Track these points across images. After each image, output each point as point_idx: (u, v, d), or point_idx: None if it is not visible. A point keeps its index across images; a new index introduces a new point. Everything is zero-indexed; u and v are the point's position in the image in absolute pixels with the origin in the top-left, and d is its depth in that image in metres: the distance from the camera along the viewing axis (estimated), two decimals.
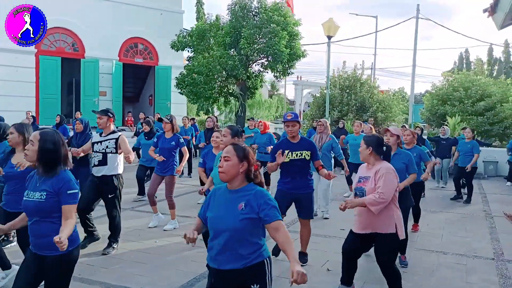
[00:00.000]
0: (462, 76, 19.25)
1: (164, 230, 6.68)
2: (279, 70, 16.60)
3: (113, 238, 5.60)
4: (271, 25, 15.15)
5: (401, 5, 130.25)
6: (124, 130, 17.47)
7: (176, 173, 6.66)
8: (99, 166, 5.42)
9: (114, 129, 5.59)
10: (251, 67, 17.08)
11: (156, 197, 6.89)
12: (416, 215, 6.81)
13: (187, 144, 11.20)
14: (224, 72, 15.84)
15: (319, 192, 7.73)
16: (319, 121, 7.88)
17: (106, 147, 5.38)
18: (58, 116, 11.66)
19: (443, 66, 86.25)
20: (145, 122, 9.15)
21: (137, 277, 4.82)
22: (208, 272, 2.77)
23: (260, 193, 2.61)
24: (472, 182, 9.72)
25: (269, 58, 16.04)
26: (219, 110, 24.54)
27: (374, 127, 15.15)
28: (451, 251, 6.00)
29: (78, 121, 6.98)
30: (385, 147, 4.04)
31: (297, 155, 5.02)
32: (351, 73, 20.69)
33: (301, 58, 16.31)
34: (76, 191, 2.91)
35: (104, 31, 19.00)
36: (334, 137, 7.81)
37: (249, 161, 2.66)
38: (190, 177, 12.06)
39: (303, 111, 33.59)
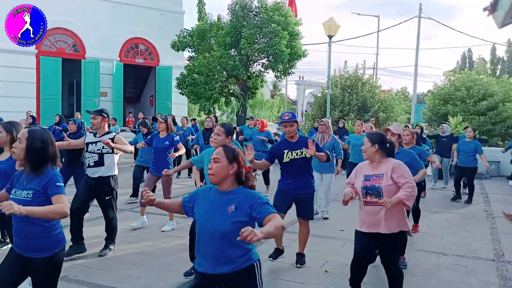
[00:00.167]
0: (464, 76, 19.12)
1: (162, 231, 6.64)
2: (279, 70, 16.58)
3: (110, 240, 5.57)
4: (272, 24, 15.11)
5: (403, 4, 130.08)
6: (125, 130, 17.45)
7: (163, 173, 6.25)
8: (95, 167, 5.33)
9: (109, 129, 5.53)
10: (251, 67, 17.04)
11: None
12: (416, 215, 6.76)
13: (185, 145, 11.16)
14: (224, 72, 15.81)
15: (320, 192, 7.68)
16: (321, 121, 7.84)
17: (102, 148, 5.29)
18: (57, 116, 11.64)
19: (446, 65, 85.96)
20: (141, 124, 9.02)
21: (134, 278, 4.79)
22: (194, 277, 2.68)
23: (251, 195, 2.57)
24: (473, 182, 9.66)
25: (269, 58, 16.00)
26: (220, 110, 24.51)
27: (375, 127, 15.14)
28: (451, 252, 5.95)
29: (71, 122, 6.90)
30: (388, 144, 3.98)
31: (297, 154, 4.97)
32: (352, 73, 20.66)
33: (302, 58, 16.28)
34: (63, 185, 2.84)
35: (105, 32, 19.00)
36: (336, 137, 7.77)
37: (239, 162, 2.60)
38: (190, 177, 12.01)
39: (305, 111, 33.44)
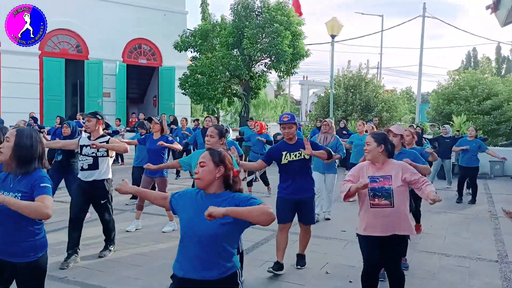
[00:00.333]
0: (468, 75, 19.00)
1: (163, 231, 6.62)
2: (282, 70, 16.54)
3: (109, 241, 5.54)
4: (274, 24, 15.06)
5: (406, 3, 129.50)
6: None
7: (145, 166, 5.94)
8: (89, 170, 5.20)
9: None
10: (254, 67, 17.00)
11: None
12: (416, 216, 6.66)
13: (185, 146, 11.11)
14: (227, 73, 15.78)
15: (323, 193, 7.64)
16: (324, 121, 7.78)
17: (97, 150, 5.19)
18: (58, 118, 11.62)
19: (451, 65, 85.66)
20: (139, 126, 8.92)
21: (133, 280, 4.77)
22: (172, 282, 2.59)
23: (238, 195, 2.53)
24: (476, 182, 9.58)
25: (272, 58, 15.95)
26: (223, 110, 24.50)
27: (378, 127, 15.06)
28: (453, 253, 5.89)
29: (65, 125, 6.81)
30: (390, 145, 3.92)
31: (296, 156, 4.91)
32: (356, 73, 20.58)
33: (305, 57, 16.23)
34: (49, 186, 2.77)
35: (108, 32, 19.02)
36: (338, 137, 7.72)
37: (226, 165, 2.55)
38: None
39: (309, 111, 33.35)
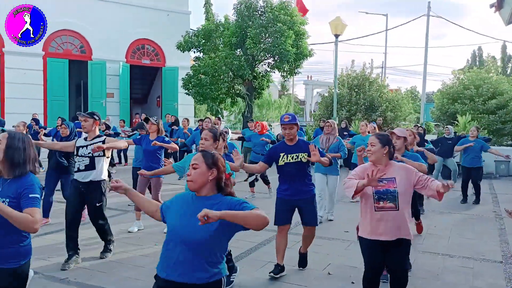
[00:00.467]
0: (473, 74, 18.92)
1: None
2: (285, 69, 16.49)
3: (107, 242, 5.48)
4: (277, 24, 15.01)
5: (411, 3, 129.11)
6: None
7: (138, 172, 5.90)
8: (86, 171, 5.15)
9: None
10: (257, 67, 16.96)
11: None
12: (416, 214, 6.52)
13: (182, 146, 11.11)
14: (230, 73, 15.75)
15: (325, 194, 7.60)
16: (327, 121, 7.75)
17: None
18: (59, 119, 11.62)
19: (456, 64, 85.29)
20: (138, 127, 8.88)
21: (133, 281, 4.75)
22: (155, 283, 2.56)
23: (228, 200, 2.49)
24: (479, 182, 9.52)
25: (275, 58, 15.91)
26: (227, 110, 24.48)
27: (382, 127, 14.99)
28: (457, 254, 5.83)
29: (64, 125, 6.79)
30: (392, 147, 3.85)
31: (292, 158, 4.81)
32: (359, 72, 20.51)
33: (308, 57, 16.18)
34: (38, 196, 2.71)
35: (111, 33, 19.04)
36: (341, 139, 7.68)
37: (219, 168, 2.53)
38: None
39: (314, 111, 33.28)
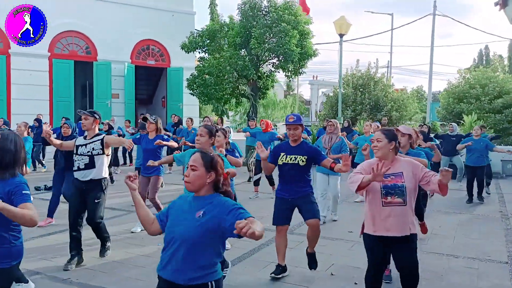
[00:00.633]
0: (479, 73, 18.79)
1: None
2: (290, 69, 16.44)
3: (104, 239, 5.44)
4: (282, 24, 14.97)
5: (417, 2, 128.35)
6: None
7: (147, 164, 5.90)
8: (85, 169, 5.13)
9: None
10: (262, 67, 16.93)
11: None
12: (420, 214, 6.45)
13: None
14: (235, 73, 15.72)
15: (328, 194, 7.56)
16: (330, 121, 7.70)
17: (92, 149, 5.14)
18: (63, 119, 11.71)
19: (462, 63, 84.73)
20: (141, 128, 8.89)
21: (133, 281, 4.75)
22: (158, 282, 2.59)
23: (223, 201, 2.48)
24: (483, 181, 9.46)
25: (280, 58, 15.87)
26: (232, 110, 24.44)
27: (387, 126, 14.90)
28: (462, 254, 5.77)
29: (66, 125, 6.79)
30: (398, 142, 3.79)
31: (290, 159, 4.75)
32: (364, 72, 20.44)
33: (313, 57, 16.11)
34: (29, 193, 2.72)
35: (116, 34, 19.10)
36: (344, 138, 7.63)
37: (217, 171, 2.53)
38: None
39: (319, 111, 33.18)
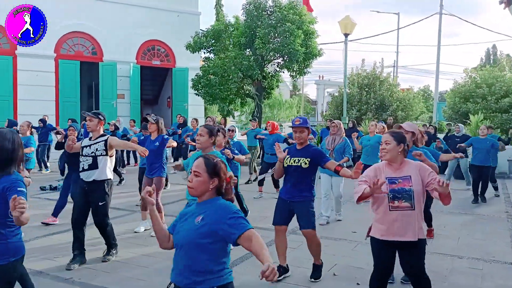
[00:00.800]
0: (486, 73, 18.65)
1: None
2: (295, 69, 16.41)
3: (111, 246, 5.43)
4: (286, 24, 14.95)
5: (424, 0, 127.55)
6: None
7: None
8: (89, 170, 5.17)
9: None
10: (266, 67, 16.91)
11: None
12: (429, 219, 6.40)
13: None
14: (239, 73, 15.72)
15: (331, 195, 7.55)
16: (333, 122, 7.68)
17: (96, 150, 5.17)
18: (69, 120, 11.79)
19: (470, 62, 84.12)
20: (143, 128, 8.90)
21: (135, 281, 4.76)
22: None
23: (224, 206, 2.47)
24: (488, 181, 9.41)
25: (284, 58, 15.85)
26: (237, 110, 24.45)
27: (391, 127, 14.83)
28: (466, 255, 5.72)
29: (72, 127, 6.80)
30: (407, 144, 3.73)
31: (294, 161, 4.74)
32: (370, 71, 20.38)
33: (317, 57, 16.08)
34: (25, 191, 2.72)
35: (122, 35, 19.15)
36: (347, 139, 7.60)
37: (220, 177, 2.53)
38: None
39: (325, 111, 33.11)
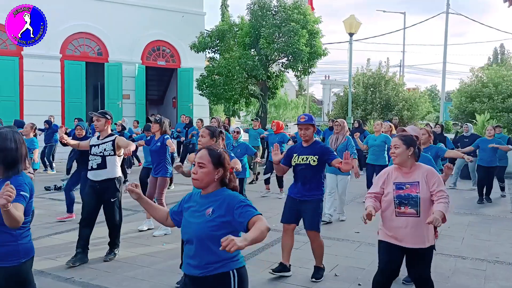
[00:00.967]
0: (492, 72, 18.50)
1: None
2: (299, 69, 16.37)
3: (114, 245, 5.47)
4: (291, 23, 14.92)
5: (430, 0, 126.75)
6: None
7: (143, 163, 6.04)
8: (98, 169, 5.26)
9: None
10: (271, 67, 16.88)
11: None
12: None
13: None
14: (244, 73, 15.70)
15: (335, 194, 7.51)
16: (336, 121, 7.66)
17: (104, 150, 5.26)
18: (76, 120, 11.84)
19: (477, 62, 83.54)
20: (145, 129, 8.90)
21: (138, 281, 4.75)
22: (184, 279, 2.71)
23: (231, 196, 2.50)
24: (493, 181, 9.36)
25: (289, 58, 15.81)
26: (242, 110, 24.45)
27: (397, 126, 14.75)
28: (470, 256, 5.68)
29: (79, 126, 6.85)
30: (418, 148, 3.65)
31: (302, 160, 4.75)
32: (375, 71, 20.29)
33: (322, 56, 16.04)
34: (27, 196, 2.69)
35: (127, 35, 19.22)
36: (350, 138, 7.55)
37: (225, 167, 2.56)
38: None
39: (331, 111, 33.04)
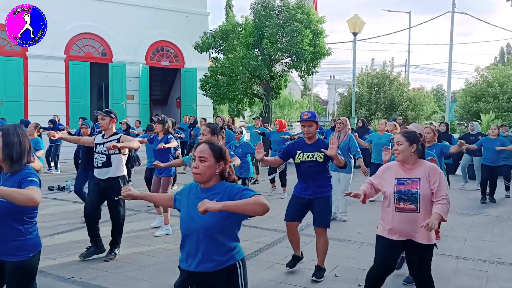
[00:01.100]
0: (497, 71, 18.39)
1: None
2: (303, 69, 16.31)
3: (115, 244, 5.47)
4: (294, 23, 14.88)
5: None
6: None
7: (154, 165, 6.00)
8: (103, 168, 5.29)
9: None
10: (274, 67, 16.84)
11: None
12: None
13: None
14: (247, 73, 15.67)
15: (338, 194, 7.47)
16: (338, 119, 7.67)
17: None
18: (80, 119, 11.87)
19: (483, 61, 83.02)
20: (147, 129, 8.90)
21: (138, 281, 4.74)
22: (180, 274, 2.67)
23: (231, 187, 2.53)
24: (497, 181, 9.28)
25: (292, 57, 15.77)
26: (245, 110, 24.44)
27: (400, 125, 14.68)
28: (472, 257, 5.63)
29: (84, 125, 6.88)
30: (421, 145, 3.65)
31: (308, 157, 4.73)
32: (380, 70, 20.20)
33: (326, 56, 15.98)
34: (37, 181, 2.72)
35: (131, 36, 19.26)
36: (353, 136, 7.53)
37: (226, 161, 2.58)
38: None
39: (336, 111, 32.94)
